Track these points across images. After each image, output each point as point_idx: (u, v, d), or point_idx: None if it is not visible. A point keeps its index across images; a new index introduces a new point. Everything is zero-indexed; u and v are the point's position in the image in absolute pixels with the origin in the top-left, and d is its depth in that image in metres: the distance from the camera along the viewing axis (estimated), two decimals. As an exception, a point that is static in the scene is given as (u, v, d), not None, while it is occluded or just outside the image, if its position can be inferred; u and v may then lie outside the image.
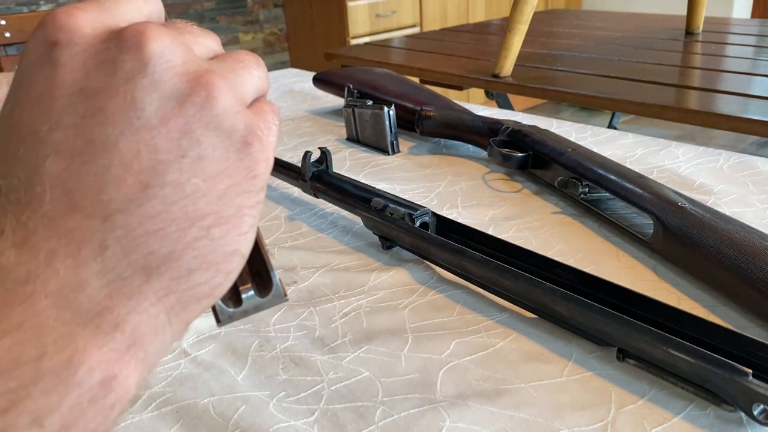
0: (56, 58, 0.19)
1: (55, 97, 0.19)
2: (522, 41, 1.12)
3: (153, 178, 0.19)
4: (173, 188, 0.19)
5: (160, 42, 0.20)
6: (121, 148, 0.19)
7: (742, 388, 0.29)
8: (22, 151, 0.19)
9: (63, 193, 0.18)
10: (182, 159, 0.19)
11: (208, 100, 0.20)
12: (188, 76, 0.20)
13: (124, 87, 0.19)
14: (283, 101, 1.01)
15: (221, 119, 0.20)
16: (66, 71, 0.19)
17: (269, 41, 3.10)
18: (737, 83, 1.02)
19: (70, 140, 0.18)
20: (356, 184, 0.52)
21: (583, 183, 0.53)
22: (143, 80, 0.19)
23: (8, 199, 0.18)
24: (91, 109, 0.19)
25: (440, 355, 0.37)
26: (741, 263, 0.38)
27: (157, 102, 0.19)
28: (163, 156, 0.19)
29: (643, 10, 2.71)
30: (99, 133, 0.18)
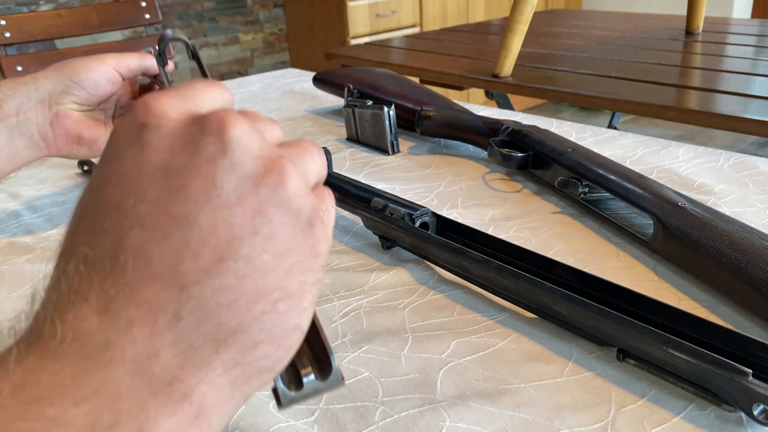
0: (145, 138, 0.21)
1: (142, 174, 0.20)
2: (522, 41, 1.12)
3: (228, 252, 0.20)
4: (245, 263, 0.20)
5: (239, 128, 0.21)
6: (201, 223, 0.20)
7: (742, 388, 0.29)
8: (108, 222, 0.20)
9: (144, 263, 0.19)
10: (255, 236, 0.20)
11: (281, 183, 0.21)
12: (263, 160, 0.21)
13: (206, 167, 0.20)
14: (283, 101, 1.01)
15: (291, 201, 0.22)
16: (153, 151, 0.21)
17: (269, 41, 3.10)
18: (737, 83, 1.02)
19: (154, 214, 0.20)
20: (356, 184, 0.52)
21: (583, 183, 0.53)
22: (223, 162, 0.21)
23: (94, 267, 0.19)
24: (174, 186, 0.20)
25: (440, 355, 0.37)
26: (741, 263, 0.38)
27: (235, 182, 0.21)
28: (237, 232, 0.20)
29: (643, 10, 2.71)
30: (181, 209, 0.20)
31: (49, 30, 1.58)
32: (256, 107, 0.98)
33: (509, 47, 1.11)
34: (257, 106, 0.98)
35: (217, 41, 2.91)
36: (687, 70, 1.16)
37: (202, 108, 0.23)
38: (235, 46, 2.98)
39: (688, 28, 1.46)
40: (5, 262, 0.52)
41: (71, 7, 2.08)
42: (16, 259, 0.53)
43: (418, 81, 1.07)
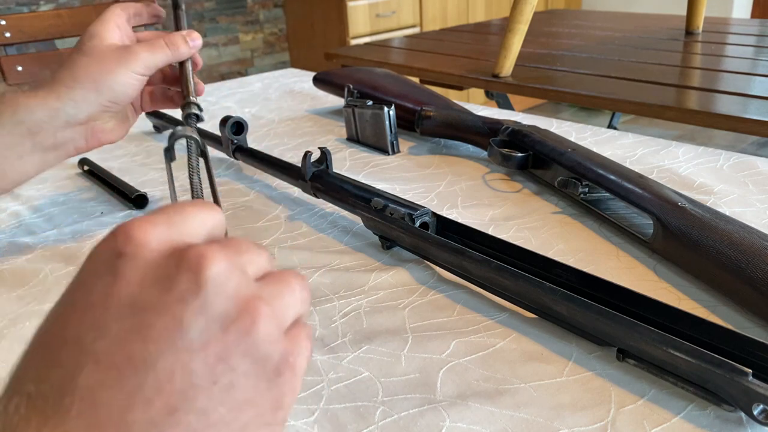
0: (118, 268, 0.20)
1: (107, 307, 0.19)
2: (522, 41, 1.12)
3: (181, 402, 0.18)
4: (198, 416, 0.19)
5: (216, 267, 0.20)
6: (158, 368, 0.18)
7: (741, 388, 0.29)
8: (63, 356, 0.19)
9: (90, 407, 0.18)
10: (213, 385, 0.19)
11: (251, 327, 0.20)
12: (237, 300, 0.20)
13: (175, 307, 0.19)
14: (283, 101, 1.01)
15: (258, 347, 0.20)
16: (124, 283, 0.20)
17: (269, 41, 3.10)
18: (737, 83, 1.02)
19: (111, 352, 0.18)
20: (356, 184, 0.52)
21: (583, 183, 0.53)
22: (194, 302, 0.20)
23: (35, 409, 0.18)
24: (137, 325, 0.19)
25: (440, 355, 0.37)
26: (741, 263, 0.38)
27: (203, 325, 0.19)
28: (196, 380, 0.19)
29: (643, 10, 2.71)
30: (140, 350, 0.19)
31: (49, 30, 1.58)
32: (256, 107, 0.98)
33: (509, 47, 1.11)
34: (257, 106, 0.98)
35: (217, 41, 2.91)
36: (687, 70, 1.16)
37: (188, 235, 0.22)
38: (235, 46, 2.98)
39: (688, 28, 1.46)
40: (5, 262, 0.52)
41: (71, 7, 2.08)
42: (16, 259, 0.53)
43: (418, 81, 1.07)
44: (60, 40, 1.78)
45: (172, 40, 0.53)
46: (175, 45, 0.53)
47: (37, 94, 0.49)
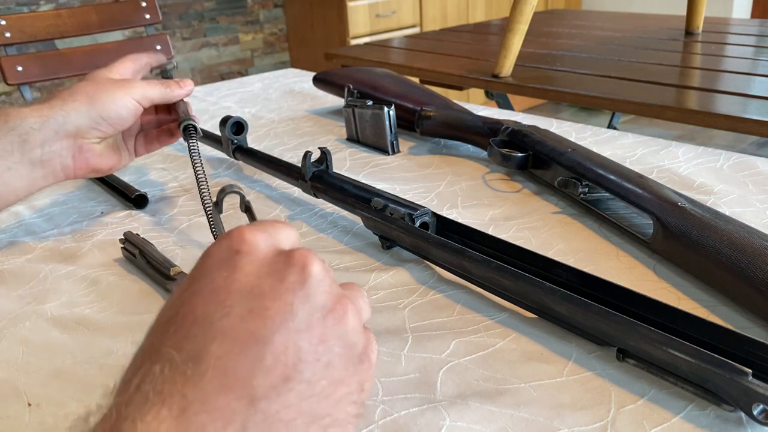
0: (237, 262, 0.24)
1: (230, 291, 0.23)
2: (522, 41, 1.12)
3: (294, 373, 0.22)
4: (307, 385, 0.22)
5: (318, 266, 0.25)
6: (275, 342, 0.22)
7: (741, 388, 0.29)
8: (194, 330, 0.22)
9: (222, 373, 0.21)
10: (317, 362, 0.23)
11: (344, 317, 0.25)
12: (332, 296, 0.25)
13: (286, 294, 0.24)
14: (283, 101, 1.01)
15: (349, 335, 0.25)
16: (243, 274, 0.24)
17: (269, 41, 3.10)
18: (737, 83, 1.02)
19: (236, 329, 0.22)
20: (356, 184, 0.52)
21: (583, 183, 0.53)
22: (301, 292, 0.24)
23: (178, 371, 0.21)
24: (257, 307, 0.23)
25: (440, 355, 0.37)
26: (741, 263, 0.38)
27: (308, 310, 0.24)
28: (303, 356, 0.23)
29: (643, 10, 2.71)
30: (260, 327, 0.22)
31: (49, 30, 1.58)
32: (256, 107, 0.98)
33: (509, 47, 1.11)
34: (257, 106, 0.98)
35: (217, 41, 2.91)
36: (687, 70, 1.16)
37: (282, 244, 0.27)
38: (235, 46, 2.98)
39: (687, 29, 1.46)
40: (5, 262, 0.52)
41: (71, 7, 2.08)
42: (16, 259, 0.53)
43: (418, 81, 1.07)
44: (60, 40, 1.78)
45: (166, 82, 0.58)
46: (169, 86, 0.58)
47: (32, 105, 0.51)
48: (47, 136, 0.51)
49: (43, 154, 0.51)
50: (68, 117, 0.51)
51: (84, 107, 0.52)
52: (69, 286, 0.48)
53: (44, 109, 0.51)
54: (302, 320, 0.23)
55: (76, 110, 0.51)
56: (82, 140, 0.53)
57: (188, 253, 0.52)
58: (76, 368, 0.38)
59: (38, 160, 0.51)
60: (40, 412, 0.34)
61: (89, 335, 0.42)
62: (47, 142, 0.51)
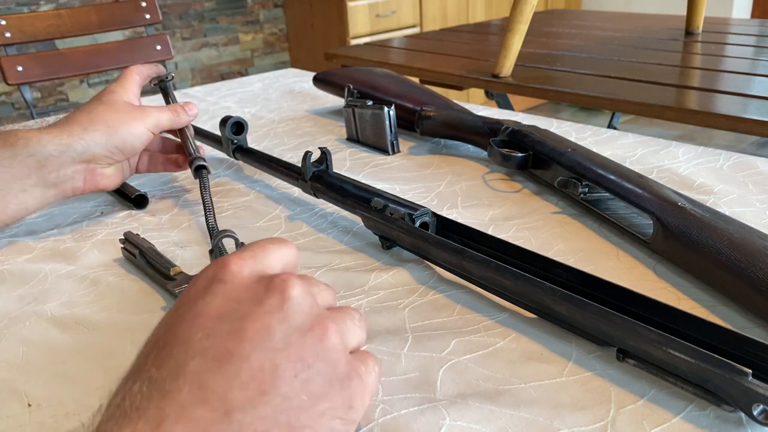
0: (217, 289, 0.26)
1: (211, 316, 0.25)
2: (522, 41, 1.12)
3: (271, 388, 0.23)
4: (283, 399, 0.23)
5: (297, 290, 0.26)
6: (252, 361, 0.23)
7: (741, 388, 0.29)
8: (176, 351, 0.24)
9: (198, 388, 0.22)
10: (294, 378, 0.24)
11: (323, 337, 0.26)
12: (311, 317, 0.26)
13: (264, 317, 0.25)
14: (283, 101, 1.01)
15: (329, 353, 0.26)
16: (223, 299, 0.26)
17: (269, 41, 3.10)
18: (737, 83, 1.02)
19: (215, 348, 0.24)
20: (356, 184, 0.52)
21: (583, 183, 0.53)
22: (279, 314, 0.25)
23: (155, 387, 0.23)
24: (235, 328, 0.24)
25: (440, 354, 0.37)
26: (741, 263, 0.38)
27: (285, 331, 0.25)
28: (281, 372, 0.24)
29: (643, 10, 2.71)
30: (237, 347, 0.24)
31: (49, 30, 1.58)
32: (256, 107, 0.98)
33: (509, 47, 1.11)
34: (257, 106, 0.98)
35: (217, 41, 2.91)
36: (687, 70, 1.16)
37: (270, 268, 0.28)
38: (235, 46, 2.98)
39: (687, 29, 1.46)
40: (5, 262, 0.52)
41: (71, 7, 2.08)
42: (16, 259, 0.53)
43: (418, 81, 1.07)
44: (60, 40, 1.78)
45: (174, 107, 0.61)
46: (177, 112, 0.61)
47: (51, 131, 0.53)
48: (64, 162, 0.53)
49: (57, 177, 0.54)
50: (88, 147, 0.54)
51: (103, 138, 0.55)
52: (69, 286, 0.48)
53: (64, 136, 0.53)
54: (279, 340, 0.25)
55: (94, 141, 0.54)
56: (94, 165, 0.56)
57: (188, 253, 0.52)
58: (76, 368, 0.38)
59: (52, 183, 0.54)
60: (40, 412, 0.34)
61: (89, 335, 0.42)
62: (63, 167, 0.53)
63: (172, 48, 1.71)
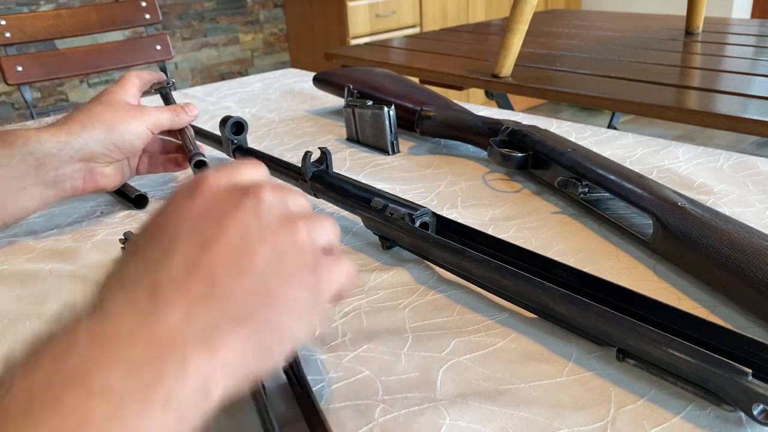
0: (199, 195, 0.29)
1: (195, 213, 0.28)
2: (522, 41, 1.12)
3: (248, 266, 0.27)
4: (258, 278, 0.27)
5: (270, 194, 0.30)
6: (232, 246, 0.27)
7: (741, 388, 0.29)
8: (165, 240, 0.27)
9: (187, 264, 0.26)
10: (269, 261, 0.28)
11: (292, 233, 0.29)
12: (283, 218, 0.29)
13: (241, 214, 0.28)
14: (283, 101, 1.01)
15: (298, 245, 0.29)
16: (204, 202, 0.29)
17: (269, 41, 3.10)
18: (737, 83, 1.02)
19: (199, 235, 0.27)
20: (356, 184, 0.52)
21: (583, 183, 0.53)
22: (254, 213, 0.29)
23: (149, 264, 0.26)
24: (217, 223, 0.28)
25: (440, 354, 0.37)
26: (741, 263, 0.38)
27: (260, 226, 0.28)
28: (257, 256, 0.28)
29: (643, 10, 2.71)
30: (219, 235, 0.27)
31: (49, 30, 1.58)
32: (256, 107, 0.98)
33: (509, 47, 1.11)
34: (257, 106, 0.98)
35: (217, 41, 2.91)
36: (687, 70, 1.16)
37: (242, 181, 0.31)
38: (235, 46, 2.98)
39: (687, 28, 1.46)
40: (5, 262, 0.52)
41: (71, 7, 2.08)
42: (16, 259, 0.53)
43: (418, 81, 1.07)
44: (60, 40, 1.78)
45: (174, 108, 0.61)
46: (177, 112, 0.61)
47: (50, 129, 0.53)
48: (63, 160, 0.53)
49: (56, 176, 0.53)
50: (86, 144, 0.54)
51: (101, 136, 0.55)
52: (69, 286, 0.48)
53: (62, 134, 0.53)
54: (254, 232, 0.28)
55: (93, 138, 0.54)
56: (93, 164, 0.55)
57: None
58: (76, 368, 0.38)
59: (51, 182, 0.53)
60: (40, 411, 0.34)
61: (89, 335, 0.42)
62: (61, 165, 0.53)
63: (172, 48, 1.71)
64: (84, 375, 0.22)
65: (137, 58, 1.66)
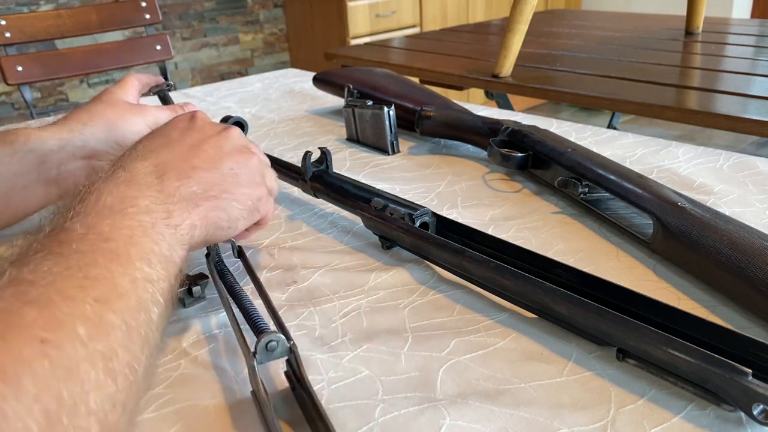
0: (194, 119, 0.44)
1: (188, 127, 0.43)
2: (522, 41, 1.12)
3: (216, 167, 0.41)
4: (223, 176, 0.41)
5: (236, 133, 0.45)
6: (208, 153, 0.42)
7: (741, 388, 0.29)
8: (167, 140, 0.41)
9: (171, 167, 0.39)
10: (231, 169, 0.42)
11: (250, 159, 0.44)
12: (244, 147, 0.44)
13: (219, 137, 0.43)
14: (283, 101, 1.01)
15: (251, 166, 0.44)
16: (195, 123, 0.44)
17: (269, 41, 3.10)
18: (737, 83, 1.02)
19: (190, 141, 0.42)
20: (356, 184, 0.52)
21: (583, 183, 0.53)
22: (226, 139, 0.43)
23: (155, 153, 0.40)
24: (202, 137, 0.42)
25: (440, 354, 0.37)
26: (741, 263, 0.38)
27: (230, 148, 0.43)
28: (223, 164, 0.42)
29: (643, 10, 2.71)
30: (202, 144, 0.42)
31: (49, 30, 1.58)
32: (256, 107, 0.98)
33: (509, 47, 1.11)
34: (257, 106, 0.98)
35: (217, 41, 2.91)
36: (687, 70, 1.16)
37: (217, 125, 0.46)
38: (235, 46, 2.98)
39: (687, 29, 1.46)
40: (5, 262, 0.52)
41: (71, 7, 2.08)
42: (16, 259, 0.53)
43: (418, 81, 1.07)
44: (60, 40, 1.78)
45: (173, 107, 0.64)
46: (176, 111, 0.63)
47: (50, 128, 0.54)
48: (64, 157, 0.53)
49: (59, 174, 0.53)
50: (87, 141, 0.54)
51: (102, 134, 0.55)
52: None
53: (64, 131, 0.54)
54: (225, 150, 0.42)
55: (94, 135, 0.55)
56: (96, 161, 0.55)
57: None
58: (76, 368, 0.38)
59: (54, 180, 0.53)
60: (41, 411, 0.34)
61: (89, 335, 0.42)
62: (63, 162, 0.53)
63: (172, 48, 1.71)
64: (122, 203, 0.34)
65: (137, 58, 1.66)
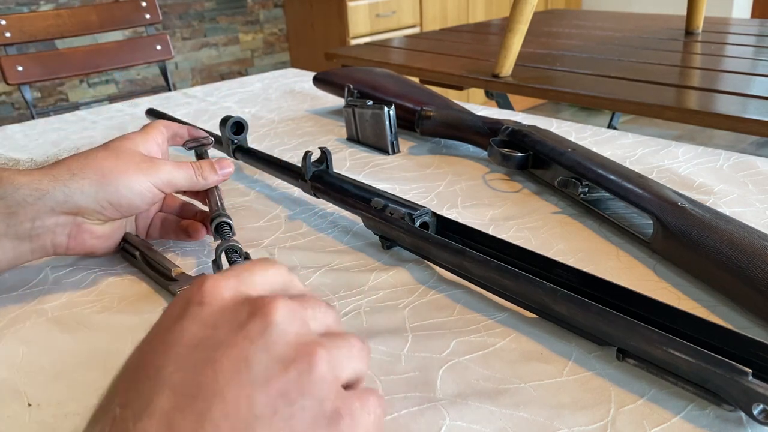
0: (191, 314, 0.24)
1: (183, 344, 0.23)
2: (522, 41, 1.12)
3: (245, 428, 0.21)
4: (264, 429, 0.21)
5: (281, 314, 0.24)
6: (226, 397, 0.21)
7: (741, 388, 0.29)
8: (144, 386, 0.22)
9: (165, 427, 0.20)
10: (274, 416, 0.21)
11: (309, 368, 0.23)
12: (297, 345, 0.23)
13: (242, 344, 0.22)
14: (283, 101, 1.01)
15: (315, 387, 0.23)
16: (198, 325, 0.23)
17: (269, 41, 3.10)
18: (737, 83, 1.02)
19: (186, 382, 0.21)
20: (356, 184, 0.52)
21: (583, 183, 0.53)
22: (260, 342, 0.23)
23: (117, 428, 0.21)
24: (210, 359, 0.22)
25: (440, 354, 0.37)
26: (741, 263, 0.38)
27: (266, 362, 0.22)
28: (259, 411, 0.21)
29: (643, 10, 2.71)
30: (210, 380, 0.21)
31: (49, 30, 1.58)
32: (256, 107, 0.98)
33: (509, 47, 1.11)
34: (257, 106, 0.98)
35: (217, 41, 2.91)
36: (687, 70, 1.16)
37: (253, 290, 0.26)
38: (235, 46, 2.98)
39: (687, 28, 1.46)
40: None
41: (71, 7, 2.08)
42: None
43: (418, 81, 1.07)
44: (60, 40, 1.78)
45: (200, 164, 0.50)
46: (202, 171, 0.50)
47: (32, 173, 0.44)
48: (40, 211, 0.43)
49: (33, 229, 0.44)
50: (71, 196, 0.44)
51: (92, 189, 0.44)
52: (69, 286, 0.48)
53: (44, 181, 0.43)
54: (259, 372, 0.22)
55: (81, 190, 0.44)
56: (82, 219, 0.45)
57: (188, 253, 0.52)
58: (76, 368, 0.38)
59: (26, 235, 0.44)
60: (40, 412, 0.34)
61: (89, 335, 0.42)
62: (39, 217, 0.43)
63: (172, 48, 1.71)
64: None
65: (137, 58, 1.66)
